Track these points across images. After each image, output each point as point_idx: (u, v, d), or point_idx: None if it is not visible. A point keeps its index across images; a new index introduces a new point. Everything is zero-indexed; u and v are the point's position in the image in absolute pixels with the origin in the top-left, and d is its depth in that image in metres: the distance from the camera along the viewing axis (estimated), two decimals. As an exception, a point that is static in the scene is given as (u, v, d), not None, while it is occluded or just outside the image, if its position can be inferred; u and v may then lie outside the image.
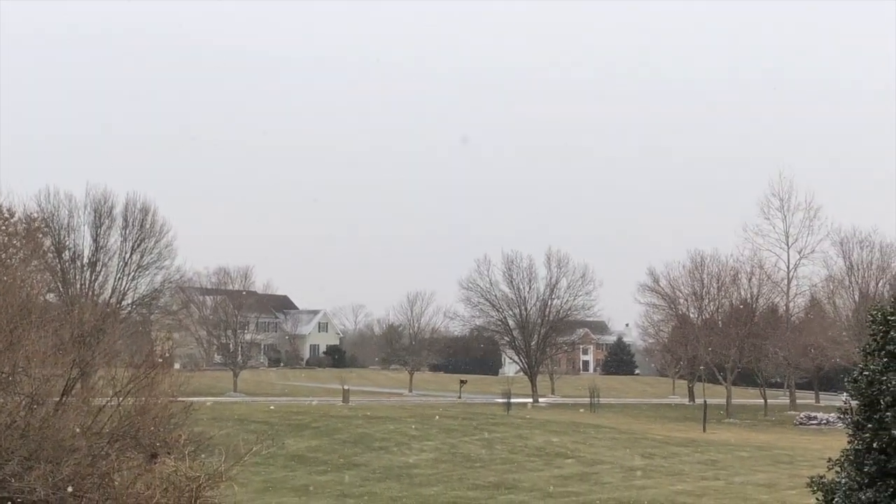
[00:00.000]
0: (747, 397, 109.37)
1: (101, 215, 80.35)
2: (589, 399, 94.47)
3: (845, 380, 19.97)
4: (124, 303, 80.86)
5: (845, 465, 19.60)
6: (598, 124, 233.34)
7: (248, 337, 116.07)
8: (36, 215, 77.48)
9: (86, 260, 79.29)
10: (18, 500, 22.92)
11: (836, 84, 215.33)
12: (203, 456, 27.79)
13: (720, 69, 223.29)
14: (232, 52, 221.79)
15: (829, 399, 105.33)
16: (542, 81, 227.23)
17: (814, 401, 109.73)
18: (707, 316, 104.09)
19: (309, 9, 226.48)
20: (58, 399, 26.19)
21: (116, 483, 24.54)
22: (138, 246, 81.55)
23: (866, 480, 18.89)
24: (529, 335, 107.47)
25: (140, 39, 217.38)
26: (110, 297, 78.08)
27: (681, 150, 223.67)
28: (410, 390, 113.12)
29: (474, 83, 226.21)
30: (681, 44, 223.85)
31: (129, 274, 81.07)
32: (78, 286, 77.04)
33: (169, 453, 26.30)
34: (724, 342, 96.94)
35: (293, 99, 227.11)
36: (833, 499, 19.37)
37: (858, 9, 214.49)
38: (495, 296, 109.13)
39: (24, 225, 74.47)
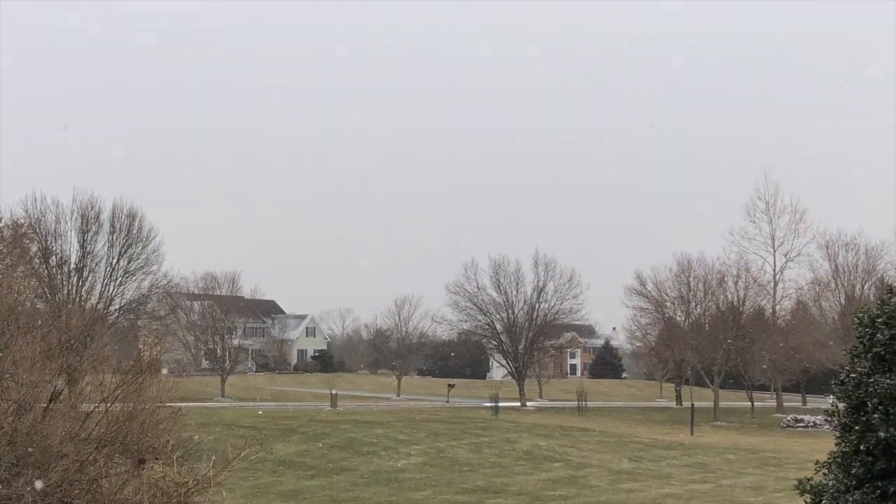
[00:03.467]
0: (734, 400, 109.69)
1: (87, 221, 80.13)
2: (577, 402, 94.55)
3: (832, 382, 20.03)
4: (112, 308, 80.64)
5: (832, 467, 19.65)
6: (584, 130, 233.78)
7: (235, 342, 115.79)
8: (22, 221, 77.20)
9: (73, 265, 79.06)
10: (6, 506, 22.87)
11: (822, 87, 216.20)
12: (192, 461, 27.76)
13: (706, 73, 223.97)
14: (220, 59, 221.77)
15: (815, 401, 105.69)
16: (527, 88, 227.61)
17: (801, 403, 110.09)
18: (694, 319, 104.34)
19: (308, 20, 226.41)
20: (45, 405, 26.11)
21: (104, 489, 24.47)
22: (125, 251, 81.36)
23: (854, 483, 18.95)
24: (517, 339, 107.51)
25: (128, 45, 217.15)
26: (97, 303, 77.87)
27: (666, 154, 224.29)
28: (398, 395, 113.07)
29: (462, 91, 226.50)
30: (663, 49, 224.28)
31: (116, 279, 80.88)
32: (65, 292, 76.82)
33: (157, 459, 26.23)
34: (710, 345, 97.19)
35: (282, 107, 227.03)
36: (821, 501, 19.42)
37: (846, 12, 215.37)
38: (483, 300, 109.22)
39: (10, 230, 74.16)
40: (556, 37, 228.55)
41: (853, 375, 19.12)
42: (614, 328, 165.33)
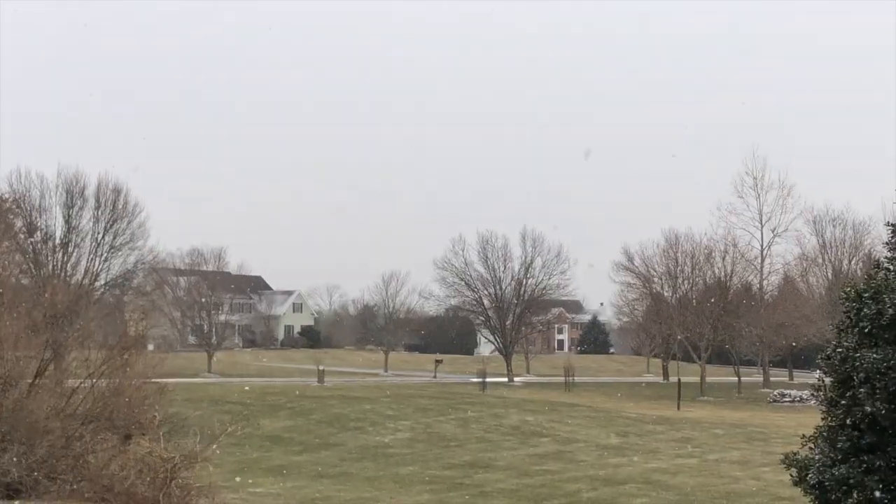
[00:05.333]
0: (721, 375, 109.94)
1: (72, 196, 79.91)
2: (564, 378, 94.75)
3: (819, 357, 20.05)
4: (97, 284, 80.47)
5: (819, 441, 19.70)
6: (572, 103, 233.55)
7: (222, 318, 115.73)
8: (7, 196, 76.90)
9: (58, 241, 78.86)
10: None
11: (809, 63, 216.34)
12: (179, 437, 27.73)
13: (695, 47, 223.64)
14: (205, 34, 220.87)
15: (802, 376, 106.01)
16: (515, 65, 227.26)
17: (787, 378, 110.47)
18: (681, 294, 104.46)
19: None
20: (31, 381, 26.07)
21: (91, 464, 24.45)
22: (111, 227, 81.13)
23: (840, 457, 18.99)
24: (504, 314, 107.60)
25: (111, 14, 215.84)
26: (83, 279, 77.70)
27: (654, 128, 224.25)
28: (386, 370, 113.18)
29: (449, 68, 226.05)
30: (653, 24, 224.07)
31: (101, 255, 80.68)
32: (50, 267, 76.60)
33: (143, 434, 26.21)
34: (698, 320, 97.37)
35: (266, 79, 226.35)
36: (807, 475, 19.47)
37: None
38: (470, 275, 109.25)
39: (-6, 206, 73.88)
40: (546, 21, 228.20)
41: (839, 350, 19.14)
42: (602, 303, 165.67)
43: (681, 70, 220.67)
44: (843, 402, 18.96)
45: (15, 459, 22.72)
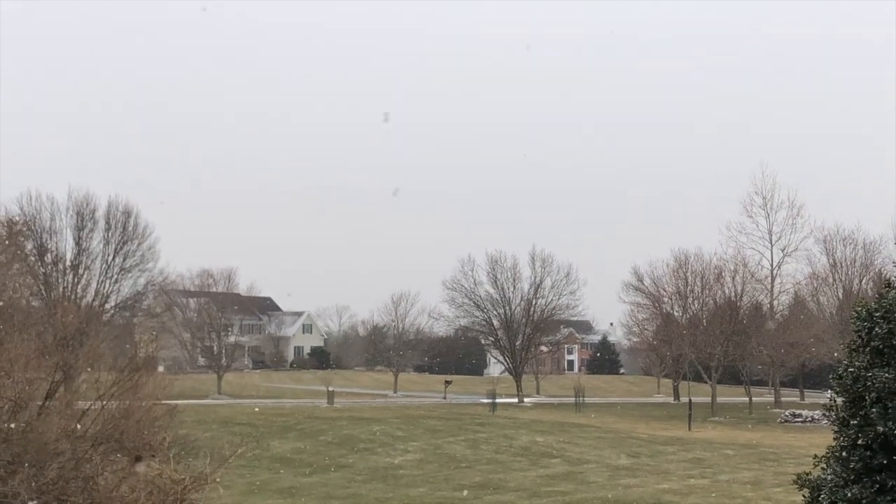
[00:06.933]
0: (732, 395, 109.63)
1: (83, 218, 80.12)
2: (574, 398, 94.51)
3: (830, 376, 19.97)
4: (107, 306, 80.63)
5: (831, 461, 19.59)
6: (580, 124, 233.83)
7: (231, 339, 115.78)
8: (17, 218, 77.13)
9: (68, 263, 79.02)
10: (2, 504, 22.79)
11: (816, 82, 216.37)
12: (189, 459, 27.72)
13: (702, 69, 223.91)
14: (217, 54, 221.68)
15: (813, 396, 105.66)
16: (524, 83, 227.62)
17: (798, 398, 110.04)
18: (691, 314, 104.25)
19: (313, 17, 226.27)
20: (41, 403, 26.05)
21: (100, 486, 24.40)
22: (121, 248, 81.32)
23: (852, 477, 18.89)
24: (514, 335, 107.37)
25: (124, 40, 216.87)
26: (93, 300, 77.84)
27: (664, 148, 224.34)
28: (395, 391, 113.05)
29: (458, 84, 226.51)
30: (660, 43, 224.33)
31: (111, 277, 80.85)
32: (60, 289, 76.74)
33: (153, 456, 26.19)
34: (708, 340, 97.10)
35: (275, 103, 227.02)
36: (819, 496, 19.36)
37: (841, 8, 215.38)
38: (479, 296, 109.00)
39: (5, 228, 74.09)
40: (550, 34, 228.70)
41: (851, 370, 19.05)
42: (612, 324, 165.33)
43: (687, 85, 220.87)
44: (854, 421, 18.87)
45: (25, 482, 22.69)
